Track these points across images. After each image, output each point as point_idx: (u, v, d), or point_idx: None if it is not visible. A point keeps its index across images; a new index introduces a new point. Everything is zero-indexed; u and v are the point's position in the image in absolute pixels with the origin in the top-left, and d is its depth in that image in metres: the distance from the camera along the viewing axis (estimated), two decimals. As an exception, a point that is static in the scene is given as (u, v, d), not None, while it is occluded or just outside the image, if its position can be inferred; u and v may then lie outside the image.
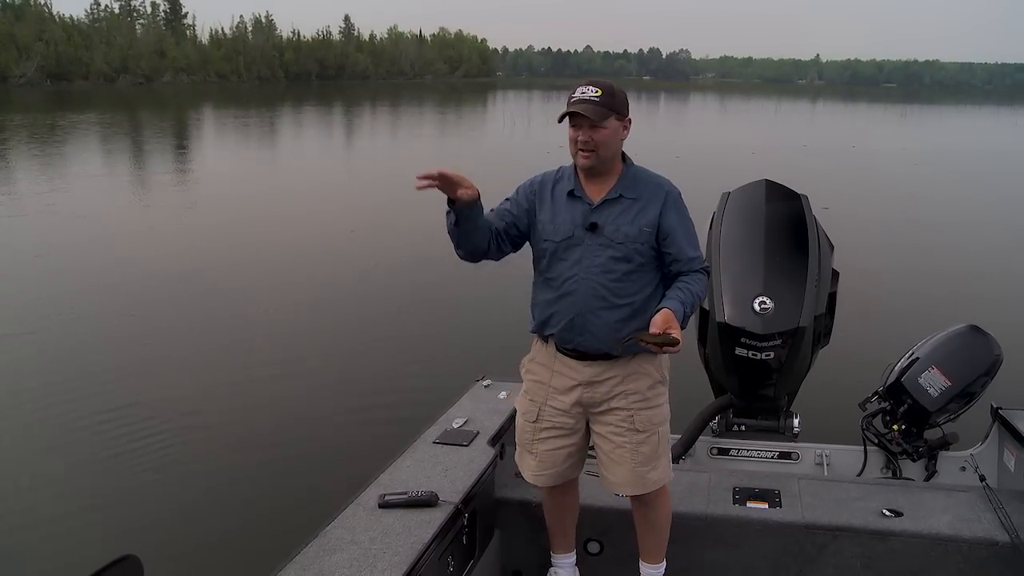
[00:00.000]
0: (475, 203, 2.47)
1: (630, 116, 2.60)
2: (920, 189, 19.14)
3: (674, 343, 2.37)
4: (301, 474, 5.23)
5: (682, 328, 2.43)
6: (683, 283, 2.57)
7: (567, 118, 2.55)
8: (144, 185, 18.52)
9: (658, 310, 2.45)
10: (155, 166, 21.90)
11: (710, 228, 3.94)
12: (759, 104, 77.34)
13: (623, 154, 2.66)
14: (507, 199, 2.71)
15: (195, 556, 4.36)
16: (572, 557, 3.07)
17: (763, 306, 3.63)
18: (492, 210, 2.68)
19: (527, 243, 2.74)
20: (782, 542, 3.00)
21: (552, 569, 3.07)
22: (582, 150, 2.54)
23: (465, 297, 9.27)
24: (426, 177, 2.34)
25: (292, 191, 17.19)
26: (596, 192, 2.61)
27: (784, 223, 3.88)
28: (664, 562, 2.91)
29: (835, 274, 3.92)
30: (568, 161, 2.68)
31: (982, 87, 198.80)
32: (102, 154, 24.51)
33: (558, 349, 2.70)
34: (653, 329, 2.39)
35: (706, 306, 3.72)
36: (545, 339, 2.73)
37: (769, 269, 3.71)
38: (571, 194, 2.62)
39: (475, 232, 2.56)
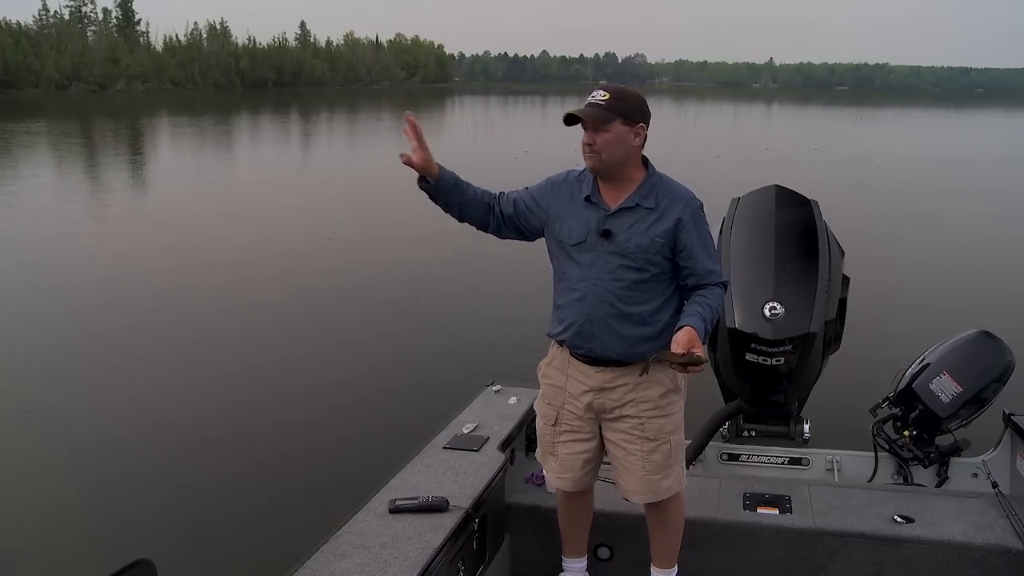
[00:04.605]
0: (439, 177, 2.54)
1: (644, 123, 2.54)
2: (909, 193, 19.12)
3: (699, 363, 2.35)
4: (311, 479, 5.19)
5: (703, 344, 2.41)
6: (701, 297, 2.55)
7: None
8: (102, 197, 18.10)
9: (680, 327, 2.42)
10: (108, 176, 21.35)
11: (719, 233, 3.91)
12: (716, 107, 78.14)
13: (646, 161, 2.62)
14: (525, 189, 2.73)
15: (207, 560, 4.36)
16: (583, 562, 3.04)
17: (773, 312, 3.62)
18: (502, 193, 2.72)
19: (531, 237, 2.74)
20: (792, 548, 2.99)
21: (563, 574, 3.04)
22: (587, 152, 2.54)
23: (474, 303, 9.25)
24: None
25: (255, 202, 16.89)
26: (613, 199, 2.58)
27: (794, 228, 3.89)
28: (675, 567, 2.89)
29: (845, 280, 3.93)
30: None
31: (930, 90, 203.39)
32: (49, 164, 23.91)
33: (571, 354, 2.68)
34: (676, 348, 2.35)
35: None
36: (560, 343, 2.72)
37: (779, 274, 3.72)
38: (588, 199, 2.60)
39: (462, 208, 2.63)
